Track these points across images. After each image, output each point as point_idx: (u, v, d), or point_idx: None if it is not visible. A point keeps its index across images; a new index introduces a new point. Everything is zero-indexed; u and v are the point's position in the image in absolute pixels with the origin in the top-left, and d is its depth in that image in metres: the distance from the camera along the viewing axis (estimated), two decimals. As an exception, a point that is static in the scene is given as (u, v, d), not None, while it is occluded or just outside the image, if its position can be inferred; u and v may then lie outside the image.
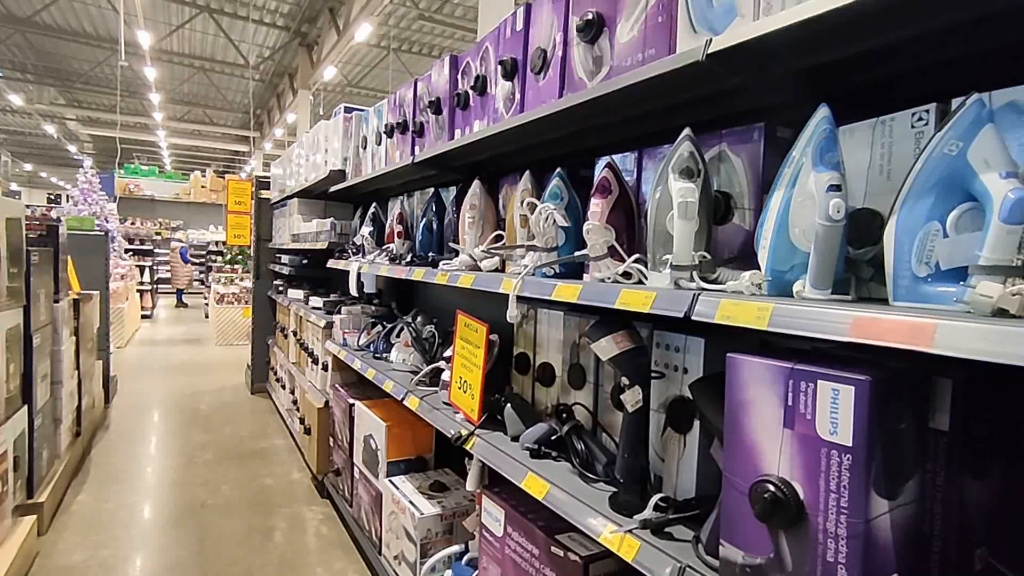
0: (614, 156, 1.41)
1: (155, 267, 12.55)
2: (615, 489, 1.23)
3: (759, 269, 0.96)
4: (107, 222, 8.66)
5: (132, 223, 14.08)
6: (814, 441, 0.77)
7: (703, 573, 0.94)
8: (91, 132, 19.30)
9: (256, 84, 16.01)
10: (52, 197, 15.93)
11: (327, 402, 3.19)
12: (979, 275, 0.69)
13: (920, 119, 0.88)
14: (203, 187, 17.29)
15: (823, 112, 0.88)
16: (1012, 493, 0.84)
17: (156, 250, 13.20)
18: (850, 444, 0.73)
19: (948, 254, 0.76)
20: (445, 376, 2.02)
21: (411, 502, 2.08)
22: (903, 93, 1.02)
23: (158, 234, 14.34)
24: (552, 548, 1.39)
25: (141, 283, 10.96)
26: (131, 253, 12.04)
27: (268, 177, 5.53)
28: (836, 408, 0.74)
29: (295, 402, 4.00)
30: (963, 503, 0.84)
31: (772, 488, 0.79)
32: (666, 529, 1.09)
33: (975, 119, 0.73)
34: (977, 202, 0.73)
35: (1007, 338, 0.59)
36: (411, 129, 2.31)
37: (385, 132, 2.58)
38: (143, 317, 10.47)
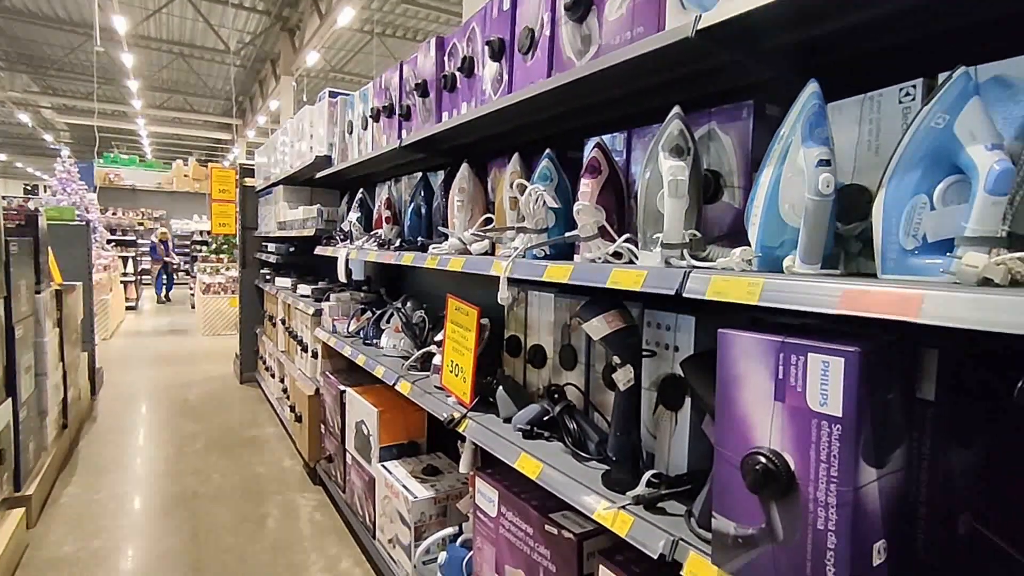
0: (603, 136, 1.41)
1: (138, 258, 12.36)
2: (608, 467, 1.24)
3: (749, 246, 0.96)
4: (88, 212, 8.49)
5: (113, 213, 13.81)
6: (804, 413, 0.78)
7: (696, 545, 0.96)
8: (67, 120, 18.86)
9: (237, 70, 15.70)
10: (29, 187, 15.53)
11: (317, 389, 3.18)
12: (965, 246, 0.70)
13: (907, 94, 0.89)
14: (186, 176, 16.99)
15: (812, 87, 0.88)
16: (995, 460, 0.86)
17: (139, 240, 12.98)
18: (840, 415, 0.74)
19: (935, 226, 0.77)
20: (436, 360, 2.02)
21: (404, 486, 2.09)
22: (891, 69, 1.02)
23: (140, 224, 14.07)
24: (546, 526, 1.40)
25: (124, 274, 10.81)
26: (113, 244, 11.84)
27: (252, 165, 5.45)
28: (826, 380, 0.75)
29: (285, 390, 3.99)
30: (948, 470, 0.86)
31: (763, 460, 0.81)
32: (659, 504, 1.10)
33: (961, 92, 0.73)
34: (963, 175, 0.74)
35: (991, 306, 0.60)
36: (398, 113, 2.28)
37: (371, 116, 2.55)
38: (128, 308, 10.35)
